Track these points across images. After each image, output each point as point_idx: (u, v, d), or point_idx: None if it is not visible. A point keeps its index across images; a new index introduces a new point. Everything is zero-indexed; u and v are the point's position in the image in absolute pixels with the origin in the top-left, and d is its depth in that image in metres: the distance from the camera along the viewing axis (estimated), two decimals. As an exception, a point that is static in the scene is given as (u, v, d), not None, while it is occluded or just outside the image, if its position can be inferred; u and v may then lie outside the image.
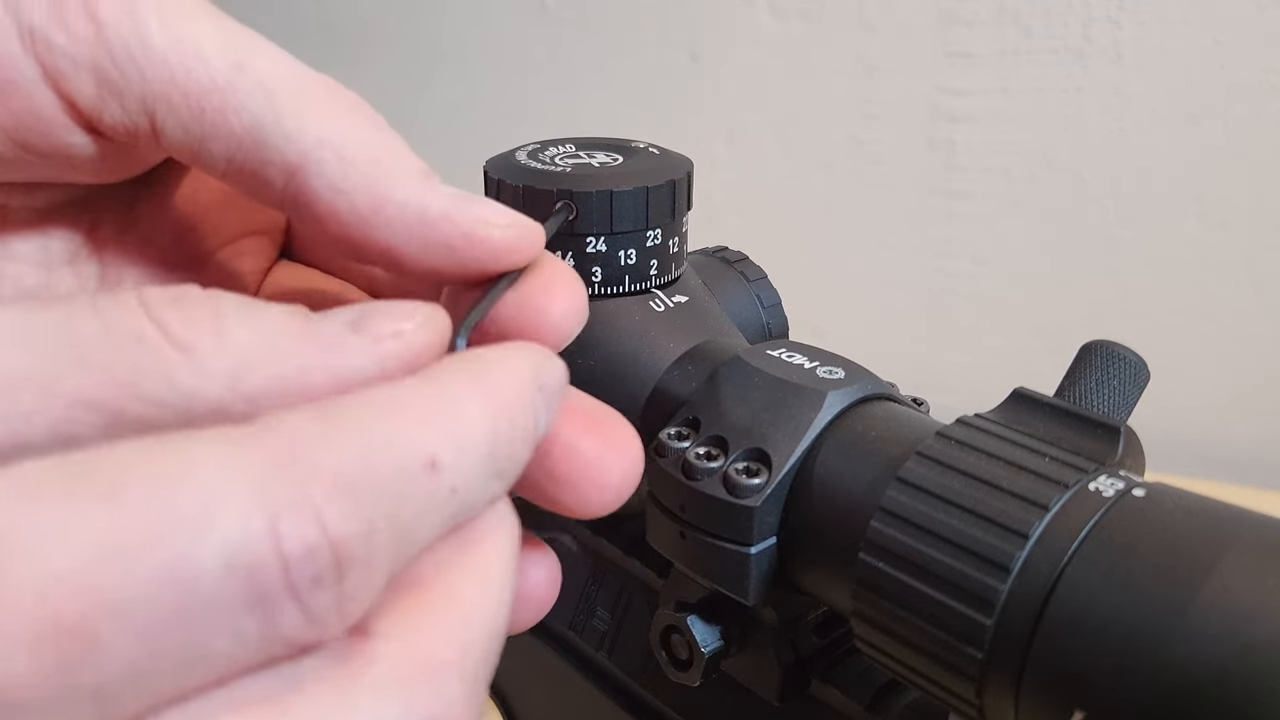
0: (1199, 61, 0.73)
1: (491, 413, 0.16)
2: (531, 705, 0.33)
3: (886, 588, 0.19)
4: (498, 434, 0.16)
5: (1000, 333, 0.86)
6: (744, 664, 0.24)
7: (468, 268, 0.19)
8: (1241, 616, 0.15)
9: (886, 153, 0.85)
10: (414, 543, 0.15)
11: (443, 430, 0.15)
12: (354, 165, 0.18)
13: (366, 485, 0.14)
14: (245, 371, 0.15)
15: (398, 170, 0.18)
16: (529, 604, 0.20)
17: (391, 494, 0.14)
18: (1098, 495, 0.17)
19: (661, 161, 0.26)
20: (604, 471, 0.19)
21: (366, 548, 0.13)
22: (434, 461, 0.14)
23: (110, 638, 0.12)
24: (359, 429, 0.14)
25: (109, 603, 0.12)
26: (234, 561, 0.12)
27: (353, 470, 0.13)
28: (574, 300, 0.20)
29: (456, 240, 0.18)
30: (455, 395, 0.15)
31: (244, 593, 0.12)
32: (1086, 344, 0.22)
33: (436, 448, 0.15)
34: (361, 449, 0.14)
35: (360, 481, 0.13)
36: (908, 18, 0.81)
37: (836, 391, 0.22)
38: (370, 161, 0.18)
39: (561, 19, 0.94)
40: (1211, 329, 0.79)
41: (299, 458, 0.13)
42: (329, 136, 0.18)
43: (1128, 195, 0.78)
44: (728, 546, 0.21)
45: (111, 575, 0.12)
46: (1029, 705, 0.17)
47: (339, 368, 0.16)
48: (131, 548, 0.12)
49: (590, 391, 0.25)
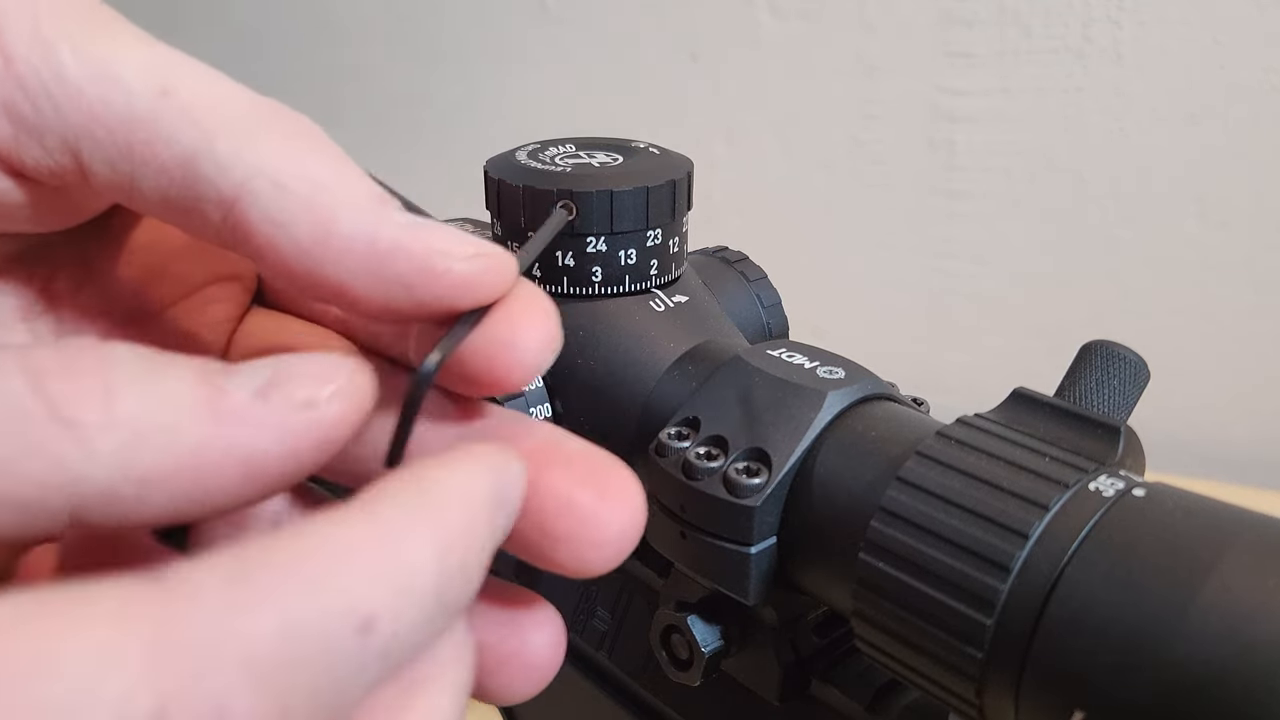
0: (1199, 61, 0.73)
1: (441, 552, 0.14)
2: (531, 705, 0.33)
3: (887, 587, 0.19)
4: (447, 574, 0.14)
5: (1000, 333, 0.86)
6: (744, 664, 0.24)
7: (428, 305, 0.17)
8: (1241, 616, 0.15)
9: (886, 153, 0.86)
10: (342, 706, 0.13)
11: (382, 583, 0.13)
12: (293, 194, 0.16)
13: (284, 662, 0.12)
14: (135, 451, 0.14)
15: (344, 198, 0.16)
16: (530, 673, 0.18)
17: (315, 666, 0.12)
18: (1098, 495, 0.17)
19: (662, 161, 0.26)
20: (602, 526, 0.17)
21: None
22: (368, 623, 0.13)
23: None
24: (279, 591, 0.12)
25: None
26: None
27: (268, 646, 0.12)
28: (545, 332, 0.18)
29: (412, 275, 0.16)
30: (398, 534, 0.13)
31: None
32: (1086, 344, 0.22)
33: (373, 605, 0.13)
34: (280, 619, 0.12)
35: (276, 659, 0.12)
36: (908, 18, 0.81)
37: (836, 391, 0.22)
38: (311, 189, 0.16)
39: (561, 19, 0.94)
40: (1211, 329, 0.79)
41: (202, 633, 0.11)
42: (265, 164, 0.16)
43: (1128, 195, 0.79)
44: (728, 546, 0.21)
45: None
46: (1029, 705, 0.17)
47: (240, 448, 0.14)
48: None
49: (590, 391, 0.25)
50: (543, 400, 0.25)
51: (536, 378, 0.19)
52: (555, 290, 0.26)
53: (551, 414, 0.26)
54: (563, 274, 0.25)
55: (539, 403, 0.25)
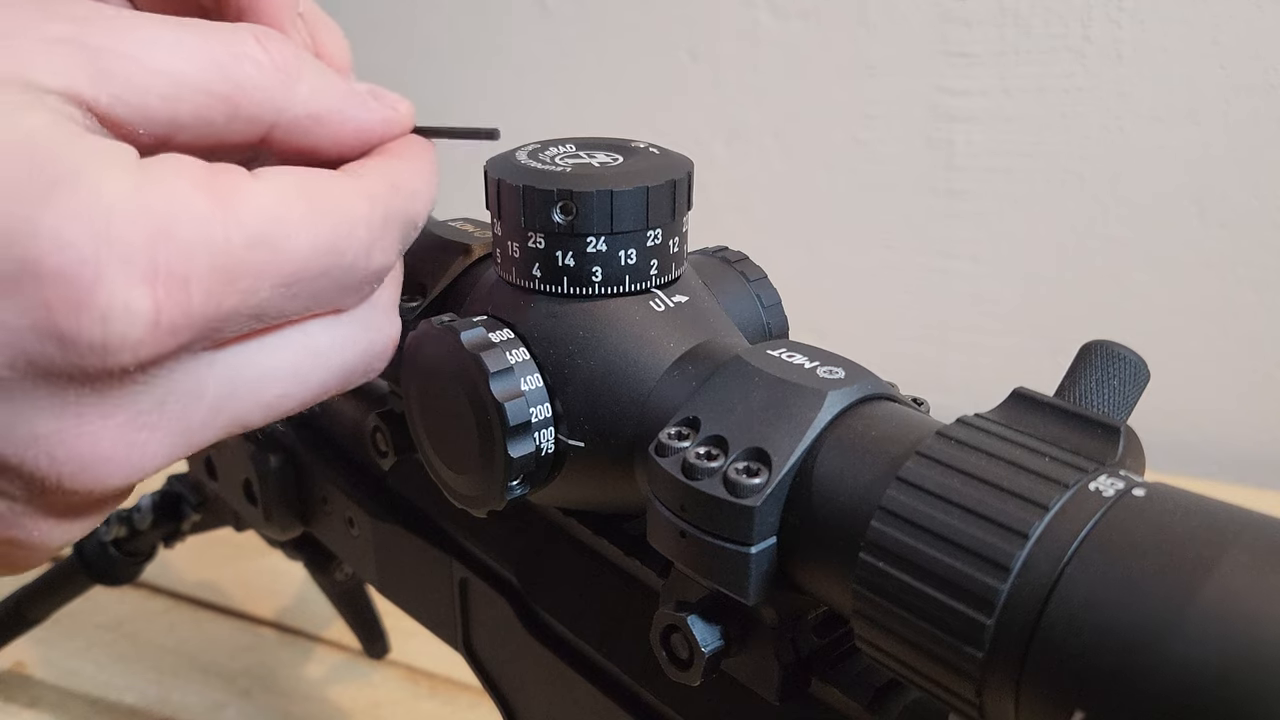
0: (1199, 61, 0.73)
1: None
2: (531, 705, 0.33)
3: (887, 587, 0.19)
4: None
5: (1000, 333, 0.86)
6: (744, 664, 0.24)
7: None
8: (1242, 616, 0.15)
9: (886, 153, 0.86)
10: None
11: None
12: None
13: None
14: (313, 102, 0.24)
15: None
16: None
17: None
18: (1098, 495, 0.17)
19: (662, 161, 0.26)
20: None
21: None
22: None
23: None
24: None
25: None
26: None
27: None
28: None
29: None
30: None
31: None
32: (1086, 344, 0.22)
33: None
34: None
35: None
36: (907, 17, 0.81)
37: (836, 391, 0.22)
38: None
39: (561, 19, 0.94)
40: (1211, 329, 0.79)
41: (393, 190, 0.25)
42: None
43: (1128, 195, 0.79)
44: (728, 546, 0.21)
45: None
46: (1029, 705, 0.17)
47: (361, 120, 0.26)
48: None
49: (591, 391, 0.25)
50: (543, 400, 0.25)
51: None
52: (555, 290, 0.26)
53: (552, 414, 0.26)
54: (563, 274, 0.25)
55: (539, 403, 0.25)
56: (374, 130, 0.27)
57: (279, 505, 0.44)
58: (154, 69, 0.21)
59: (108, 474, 0.21)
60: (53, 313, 0.18)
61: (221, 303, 0.21)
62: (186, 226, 0.20)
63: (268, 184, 0.22)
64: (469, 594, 0.35)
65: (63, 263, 0.18)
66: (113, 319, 0.19)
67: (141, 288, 0.19)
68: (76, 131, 0.19)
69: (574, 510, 0.30)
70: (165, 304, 0.19)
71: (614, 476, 0.26)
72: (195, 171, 0.21)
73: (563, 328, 0.26)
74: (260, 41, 0.24)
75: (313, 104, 0.25)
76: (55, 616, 0.59)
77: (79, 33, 0.21)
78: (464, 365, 0.25)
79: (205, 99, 0.23)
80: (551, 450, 0.26)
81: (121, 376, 0.20)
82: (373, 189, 0.24)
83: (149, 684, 0.60)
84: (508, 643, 0.33)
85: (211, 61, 0.23)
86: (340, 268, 0.23)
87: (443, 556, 0.36)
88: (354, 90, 0.26)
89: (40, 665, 0.62)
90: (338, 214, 0.23)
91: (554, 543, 0.32)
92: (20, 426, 0.20)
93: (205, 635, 0.65)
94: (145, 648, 0.64)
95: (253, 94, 0.23)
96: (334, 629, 0.64)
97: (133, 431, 0.21)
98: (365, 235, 0.24)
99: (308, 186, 0.23)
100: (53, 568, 0.58)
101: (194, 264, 0.20)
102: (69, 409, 0.20)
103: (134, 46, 0.21)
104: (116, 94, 0.21)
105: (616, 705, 0.29)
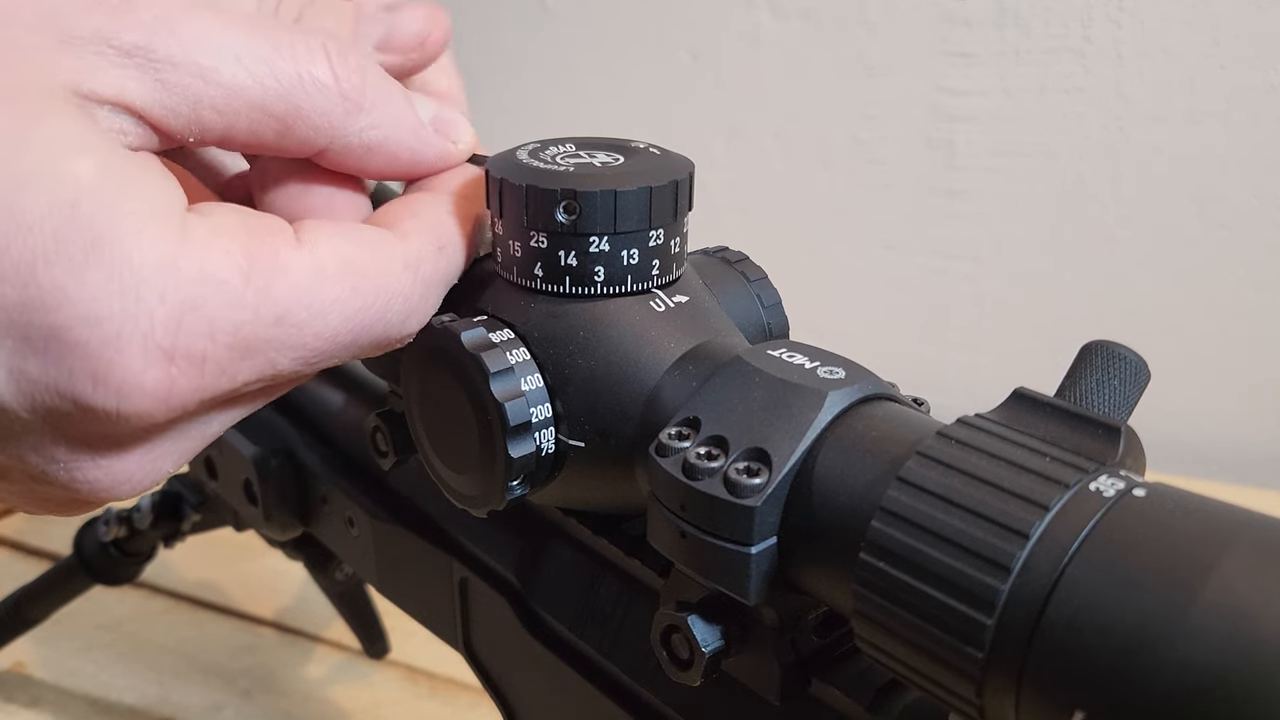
0: (1199, 61, 0.73)
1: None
2: (531, 705, 0.33)
3: (887, 587, 0.19)
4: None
5: (1000, 333, 0.86)
6: (744, 664, 0.24)
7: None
8: (1242, 616, 0.15)
9: (886, 153, 0.86)
10: None
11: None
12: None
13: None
14: (370, 133, 0.24)
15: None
16: None
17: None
18: (1098, 495, 0.17)
19: (663, 161, 0.26)
20: None
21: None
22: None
23: None
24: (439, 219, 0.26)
25: None
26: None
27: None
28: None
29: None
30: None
31: None
32: (1086, 344, 0.22)
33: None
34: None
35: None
36: (907, 18, 0.81)
37: (837, 391, 0.22)
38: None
39: (561, 19, 0.94)
40: (1211, 329, 0.79)
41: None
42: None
43: (1128, 195, 0.79)
44: (728, 546, 0.21)
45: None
46: (1029, 705, 0.17)
47: (419, 152, 0.26)
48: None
49: (591, 391, 0.25)
50: (543, 400, 0.25)
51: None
52: (557, 289, 0.26)
53: (552, 414, 0.26)
54: (565, 273, 0.25)
55: (540, 403, 0.25)
56: (428, 166, 0.27)
57: (279, 505, 0.44)
58: (215, 82, 0.21)
59: (123, 491, 0.23)
60: (73, 379, 0.19)
61: (235, 376, 0.21)
62: (214, 301, 0.20)
63: (308, 257, 0.22)
64: (469, 594, 0.35)
65: (89, 338, 0.19)
66: (126, 395, 0.20)
67: (158, 369, 0.20)
68: (122, 175, 0.20)
69: (574, 510, 0.30)
70: (179, 381, 0.20)
71: (614, 477, 0.26)
72: (236, 233, 0.21)
73: (563, 327, 0.26)
74: (331, 62, 0.23)
75: (369, 134, 0.24)
76: (55, 616, 0.59)
77: (147, 42, 0.21)
78: (464, 365, 0.25)
79: (261, 117, 0.22)
80: (552, 450, 0.26)
81: (134, 431, 0.21)
82: (418, 254, 0.24)
83: (149, 684, 0.60)
84: (508, 643, 0.33)
85: (275, 80, 0.22)
86: (369, 339, 0.23)
87: (443, 556, 0.36)
88: (417, 124, 0.26)
89: (40, 665, 0.62)
90: (375, 291, 0.23)
91: (554, 543, 0.32)
92: (43, 450, 0.21)
93: (205, 635, 0.65)
94: (145, 648, 0.64)
95: (311, 118, 0.23)
96: (334, 629, 0.64)
97: (147, 461, 0.22)
98: (401, 308, 0.24)
99: (350, 262, 0.22)
100: (53, 568, 0.58)
101: (215, 342, 0.20)
102: (85, 448, 0.21)
103: (200, 56, 0.21)
104: (171, 107, 0.21)
105: (616, 705, 0.29)
